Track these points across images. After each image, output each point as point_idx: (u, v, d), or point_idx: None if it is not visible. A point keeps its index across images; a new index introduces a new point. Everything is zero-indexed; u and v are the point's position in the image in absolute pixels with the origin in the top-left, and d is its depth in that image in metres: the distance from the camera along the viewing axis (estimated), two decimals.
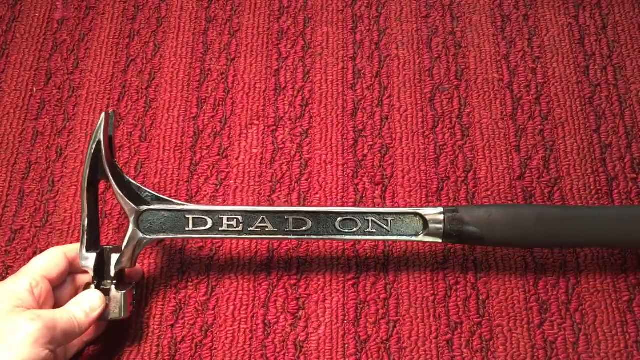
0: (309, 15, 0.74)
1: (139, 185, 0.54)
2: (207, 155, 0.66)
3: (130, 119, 0.69)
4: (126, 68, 0.72)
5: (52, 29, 0.75)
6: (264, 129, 0.68)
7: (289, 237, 0.52)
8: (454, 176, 0.64)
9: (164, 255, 0.61)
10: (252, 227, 0.52)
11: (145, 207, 0.52)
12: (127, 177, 0.54)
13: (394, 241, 0.60)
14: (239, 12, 0.75)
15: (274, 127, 0.68)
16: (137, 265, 0.56)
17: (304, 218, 0.52)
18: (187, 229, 0.52)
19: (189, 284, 0.60)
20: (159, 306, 0.59)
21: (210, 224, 0.52)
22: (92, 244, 0.52)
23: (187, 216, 0.52)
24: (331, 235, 0.52)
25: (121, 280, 0.53)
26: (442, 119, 0.67)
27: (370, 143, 0.66)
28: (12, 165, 0.66)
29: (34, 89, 0.71)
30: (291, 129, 0.67)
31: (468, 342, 0.57)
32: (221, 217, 0.52)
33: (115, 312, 0.52)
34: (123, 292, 0.52)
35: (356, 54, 0.71)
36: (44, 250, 0.53)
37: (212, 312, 0.59)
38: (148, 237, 0.52)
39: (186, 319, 0.58)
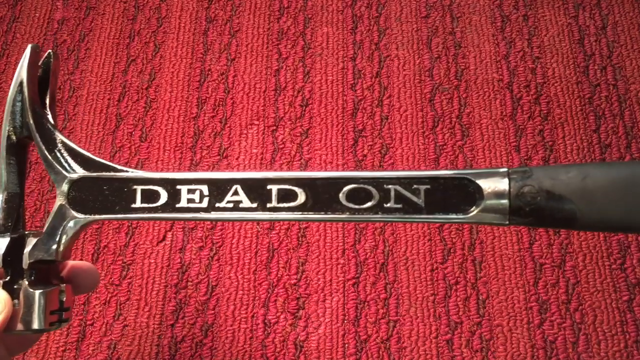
0: (309, 16, 0.74)
1: (75, 146, 0.39)
2: (207, 155, 0.66)
3: (130, 119, 0.69)
4: (126, 68, 0.72)
5: (53, 29, 0.75)
6: (264, 129, 0.68)
7: (272, 215, 0.36)
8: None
9: (164, 255, 0.61)
10: (221, 202, 0.37)
11: (78, 175, 0.38)
12: (62, 136, 0.39)
13: (429, 223, 0.48)
14: (239, 13, 0.75)
15: (274, 127, 0.68)
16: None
17: (294, 188, 0.36)
18: (133, 205, 0.37)
19: (189, 284, 0.60)
20: (159, 306, 0.59)
21: (164, 198, 0.37)
22: (9, 226, 0.38)
23: (134, 187, 0.37)
24: (334, 213, 0.35)
25: (43, 277, 0.38)
26: (442, 119, 0.67)
27: (370, 143, 0.66)
28: None
29: None
30: (291, 129, 0.68)
31: (468, 342, 0.57)
32: (179, 187, 0.37)
33: (25, 321, 0.35)
34: (40, 291, 0.36)
35: (356, 54, 0.72)
36: None
37: (212, 312, 0.59)
38: (81, 216, 0.37)
39: (186, 318, 0.58)
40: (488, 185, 0.33)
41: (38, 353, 0.58)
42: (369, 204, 0.35)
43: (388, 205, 0.35)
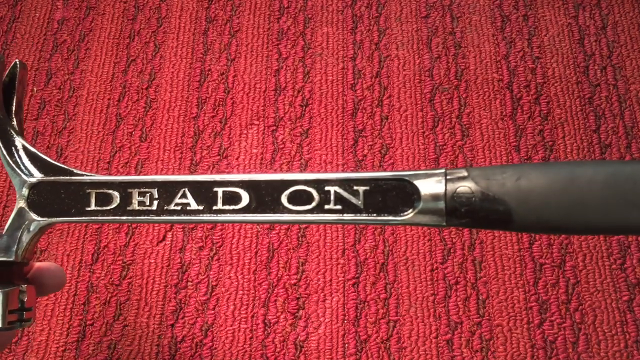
0: (309, 16, 0.74)
1: (35, 151, 0.41)
2: (207, 156, 0.66)
3: (130, 119, 0.69)
4: (126, 68, 0.72)
5: (53, 29, 0.75)
6: (264, 129, 0.68)
7: (218, 218, 0.37)
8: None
9: (164, 255, 0.61)
10: (170, 205, 0.38)
11: (36, 179, 0.39)
12: (24, 142, 0.41)
13: (367, 224, 0.50)
14: (239, 13, 0.75)
15: (274, 127, 0.68)
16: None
17: (239, 190, 0.37)
18: (88, 208, 0.38)
19: (189, 284, 0.60)
20: (159, 306, 0.59)
21: (117, 200, 0.38)
22: None
23: (89, 190, 0.39)
24: (276, 214, 0.36)
25: (3, 278, 0.39)
26: (442, 119, 0.67)
27: (370, 143, 0.66)
28: None
29: (35, 89, 0.71)
30: (291, 129, 0.68)
31: (468, 342, 0.57)
32: (130, 190, 0.38)
33: None
34: None
35: (356, 54, 0.72)
36: (44, 250, 0.53)
37: (212, 312, 0.59)
38: (39, 219, 0.38)
39: (186, 318, 0.58)
40: (425, 186, 0.33)
41: (38, 353, 0.58)
42: (309, 206, 0.35)
43: (328, 206, 0.35)
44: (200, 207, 0.37)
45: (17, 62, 0.41)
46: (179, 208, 0.38)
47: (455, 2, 0.74)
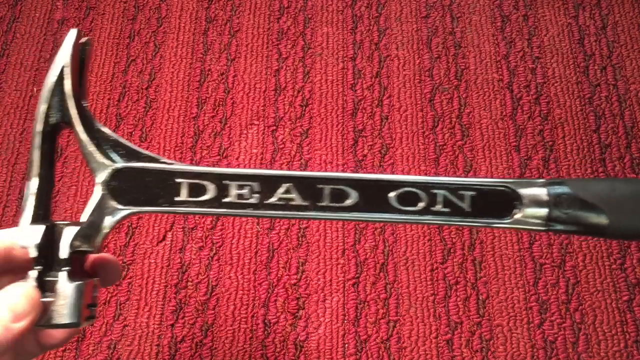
0: (309, 16, 0.74)
1: (117, 136, 0.38)
2: (207, 155, 0.66)
3: (130, 119, 0.69)
4: (126, 68, 0.72)
5: (53, 29, 0.75)
6: (264, 129, 0.68)
7: (324, 215, 0.37)
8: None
9: (164, 255, 0.61)
10: (271, 199, 0.37)
11: (120, 165, 0.37)
12: (99, 124, 0.38)
13: (472, 227, 0.50)
14: (239, 13, 0.75)
15: (274, 127, 0.68)
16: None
17: (346, 188, 0.37)
18: (177, 198, 0.37)
19: (189, 284, 0.60)
20: (159, 306, 0.59)
21: (212, 192, 0.37)
22: (40, 215, 0.36)
23: (179, 180, 0.37)
24: (384, 213, 0.37)
25: (78, 270, 0.37)
26: (442, 119, 0.67)
27: (370, 143, 0.66)
28: (12, 165, 0.66)
29: (35, 89, 0.71)
30: (291, 129, 0.68)
31: (468, 341, 0.57)
32: (228, 182, 0.37)
33: (61, 315, 0.34)
34: (77, 283, 0.35)
35: (356, 54, 0.72)
36: None
37: (212, 312, 0.59)
38: (121, 208, 0.36)
39: (186, 318, 0.58)
40: (528, 193, 0.36)
41: None
42: (417, 207, 0.37)
43: (435, 208, 0.37)
44: (306, 203, 0.37)
45: (88, 40, 0.39)
46: (282, 203, 0.37)
47: (455, 2, 0.74)
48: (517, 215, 0.36)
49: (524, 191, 0.36)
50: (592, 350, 0.56)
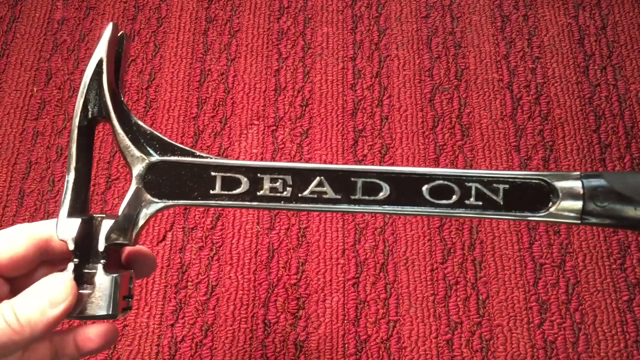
0: (309, 16, 0.74)
1: (152, 130, 0.39)
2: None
3: None
4: (126, 68, 0.72)
5: (53, 29, 0.75)
6: (264, 129, 0.68)
7: (357, 208, 0.37)
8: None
9: (164, 255, 0.61)
10: (304, 192, 0.37)
11: (155, 158, 0.38)
12: (136, 118, 0.39)
13: (506, 220, 0.50)
14: (239, 13, 0.75)
15: (274, 127, 0.68)
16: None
17: (379, 182, 0.37)
18: (212, 191, 0.37)
19: (189, 284, 0.60)
20: (159, 306, 0.59)
21: (245, 185, 0.37)
22: (77, 208, 0.37)
23: (214, 173, 0.38)
24: (417, 206, 0.37)
25: (114, 262, 0.38)
26: (442, 119, 0.67)
27: (370, 143, 0.66)
28: (12, 165, 0.66)
29: (35, 89, 0.71)
30: (291, 129, 0.68)
31: (468, 341, 0.57)
32: (261, 176, 0.37)
33: (99, 307, 0.35)
34: (114, 275, 0.36)
35: (356, 54, 0.72)
36: None
37: (212, 312, 0.59)
38: (156, 201, 0.37)
39: (186, 318, 0.58)
40: (563, 186, 0.36)
41: None
42: (450, 200, 0.37)
43: (468, 202, 0.37)
44: (338, 196, 0.37)
45: (124, 34, 0.40)
46: (314, 196, 0.37)
47: (455, 2, 0.74)
48: (552, 209, 0.36)
49: (559, 184, 0.36)
50: (592, 350, 0.56)
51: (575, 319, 0.57)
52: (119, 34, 0.39)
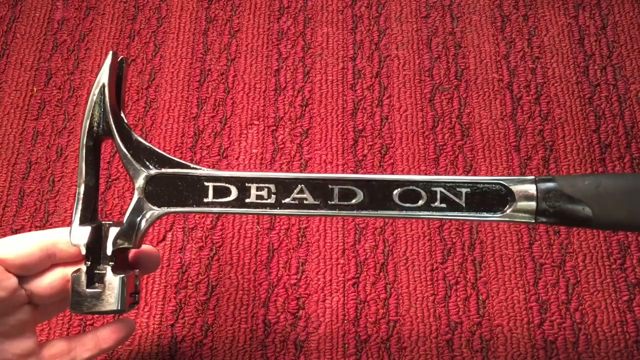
0: (309, 16, 0.74)
1: (151, 146, 0.44)
2: (207, 156, 0.66)
3: (130, 119, 0.69)
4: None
5: (53, 29, 0.75)
6: (264, 129, 0.68)
7: (334, 212, 0.42)
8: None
9: (164, 255, 0.61)
10: (287, 199, 0.42)
11: (154, 171, 0.43)
12: (136, 135, 0.44)
13: (468, 221, 0.53)
14: (239, 13, 0.75)
15: (274, 127, 0.68)
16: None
17: (354, 188, 0.42)
18: (205, 199, 0.42)
19: (189, 284, 0.60)
20: (159, 306, 0.59)
21: (235, 193, 0.42)
22: (87, 216, 0.42)
23: (207, 183, 0.42)
24: (388, 210, 0.42)
25: (122, 263, 0.44)
26: (442, 119, 0.67)
27: (370, 143, 0.66)
28: (12, 165, 0.66)
29: (35, 89, 0.71)
30: (291, 129, 0.68)
31: (468, 342, 0.57)
32: (248, 185, 0.42)
33: (109, 303, 0.41)
34: (121, 276, 0.41)
35: (356, 54, 0.72)
36: None
37: (212, 312, 0.59)
38: (156, 209, 0.42)
39: (186, 318, 0.58)
40: (519, 189, 0.40)
41: None
42: (418, 204, 0.41)
43: (434, 205, 0.41)
44: (317, 202, 0.42)
45: (124, 59, 0.45)
46: (296, 202, 0.42)
47: (455, 2, 0.74)
48: (509, 210, 0.41)
49: (516, 187, 0.40)
50: (592, 350, 0.56)
51: (575, 319, 0.57)
52: (118, 59, 0.44)
